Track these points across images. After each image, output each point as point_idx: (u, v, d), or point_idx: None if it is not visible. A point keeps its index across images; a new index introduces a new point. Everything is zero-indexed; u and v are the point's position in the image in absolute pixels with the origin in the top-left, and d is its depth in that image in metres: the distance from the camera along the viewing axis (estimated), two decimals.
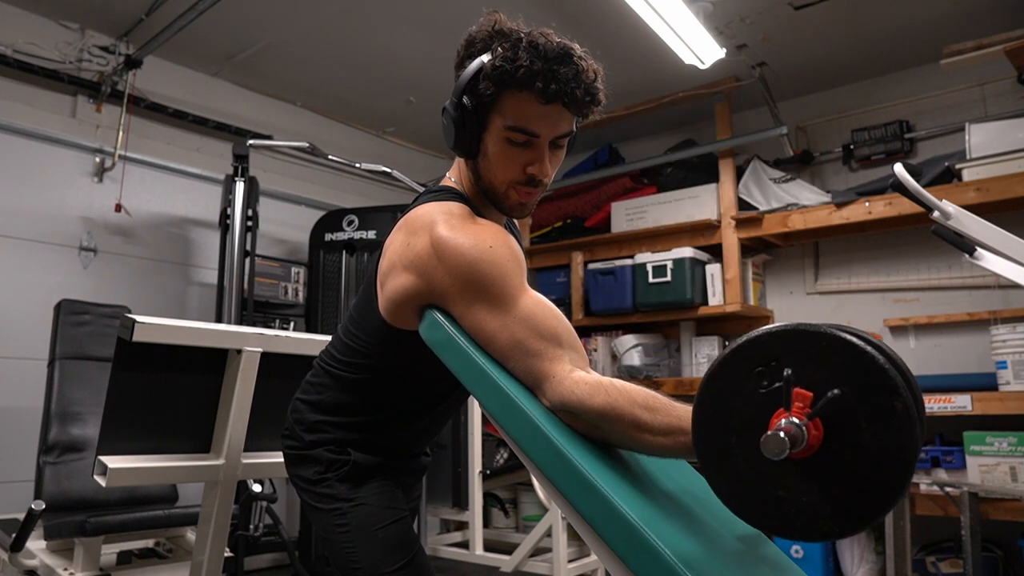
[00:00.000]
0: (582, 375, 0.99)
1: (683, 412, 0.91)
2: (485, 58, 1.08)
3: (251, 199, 3.45)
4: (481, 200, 1.20)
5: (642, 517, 0.83)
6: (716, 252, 3.85)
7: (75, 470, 2.57)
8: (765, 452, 0.75)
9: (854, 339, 0.76)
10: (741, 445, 0.79)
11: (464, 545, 3.46)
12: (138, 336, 1.47)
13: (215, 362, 1.64)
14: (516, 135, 1.09)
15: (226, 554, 1.78)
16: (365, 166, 3.85)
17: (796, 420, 0.75)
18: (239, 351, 1.63)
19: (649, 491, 0.96)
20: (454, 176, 1.24)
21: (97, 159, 3.47)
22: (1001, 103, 3.42)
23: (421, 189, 1.30)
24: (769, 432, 0.75)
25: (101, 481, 1.51)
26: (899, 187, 1.50)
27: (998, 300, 3.31)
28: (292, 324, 3.86)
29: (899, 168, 1.49)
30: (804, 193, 3.65)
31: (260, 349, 1.65)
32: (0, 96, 3.19)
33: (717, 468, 0.82)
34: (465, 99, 1.10)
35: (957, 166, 3.18)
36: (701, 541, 0.90)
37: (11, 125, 3.20)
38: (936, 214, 1.55)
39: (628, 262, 3.97)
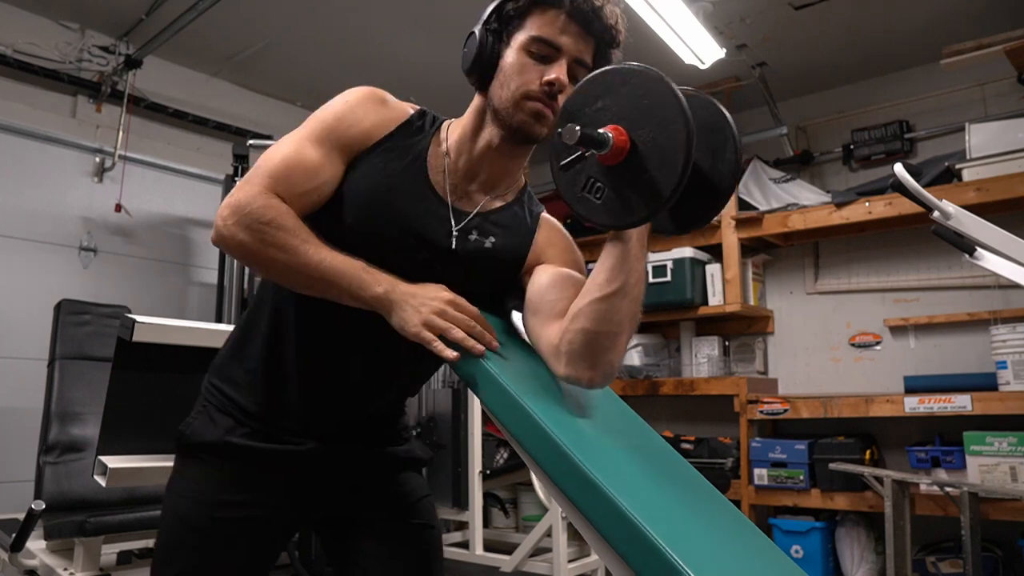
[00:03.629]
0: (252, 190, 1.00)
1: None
2: None
3: None
4: (473, 131, 1.11)
5: (644, 515, 0.83)
6: (716, 252, 3.85)
7: (75, 470, 2.57)
8: (564, 138, 0.89)
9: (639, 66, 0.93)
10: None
11: (464, 545, 3.46)
12: (138, 336, 1.47)
13: None
14: (539, 46, 1.05)
15: None
16: None
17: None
18: None
19: (650, 488, 0.96)
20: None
21: (97, 159, 3.47)
22: (1001, 103, 3.42)
23: None
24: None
25: (101, 481, 1.51)
26: (899, 187, 1.50)
27: (998, 300, 3.31)
28: None
29: (899, 168, 1.49)
30: (804, 193, 3.65)
31: None
32: (0, 96, 3.19)
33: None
34: (494, 22, 1.08)
35: (957, 166, 3.17)
36: (702, 538, 0.90)
37: (11, 125, 3.20)
38: (936, 214, 1.54)
39: None
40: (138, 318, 1.49)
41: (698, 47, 3.15)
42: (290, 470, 1.12)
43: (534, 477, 2.89)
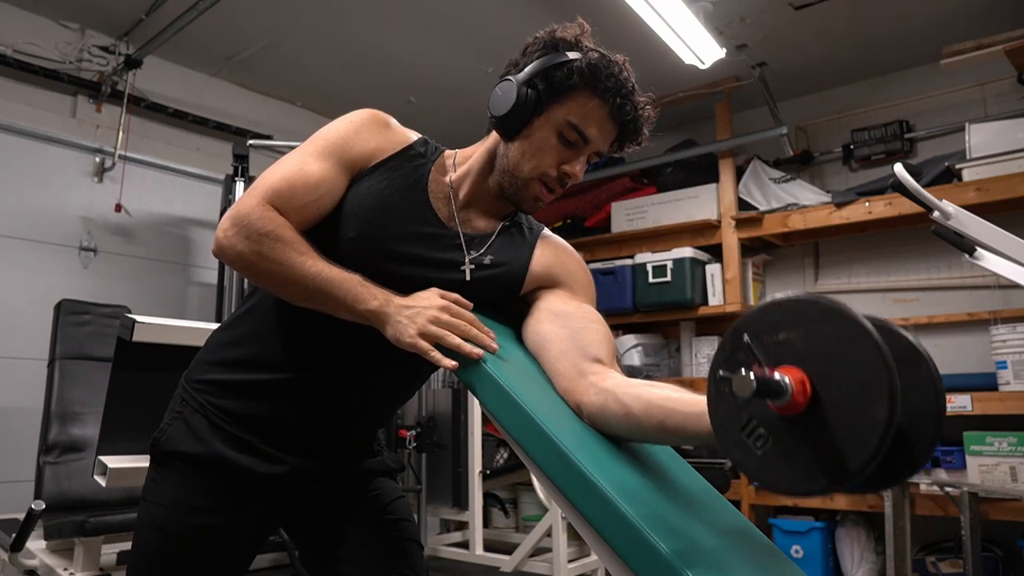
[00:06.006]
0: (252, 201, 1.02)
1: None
2: (572, 55, 1.08)
3: None
4: (482, 172, 1.14)
5: (642, 515, 0.83)
6: (716, 252, 3.85)
7: (75, 470, 2.57)
8: (735, 390, 0.72)
9: (830, 302, 0.73)
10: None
11: (464, 545, 3.46)
12: (138, 336, 1.47)
13: None
14: (572, 133, 1.08)
15: None
16: None
17: (764, 370, 0.72)
18: None
19: (649, 488, 0.96)
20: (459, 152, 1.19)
21: (97, 159, 3.47)
22: (1001, 103, 3.42)
23: None
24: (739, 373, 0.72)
25: (101, 481, 1.51)
26: (899, 187, 1.50)
27: (998, 300, 3.31)
28: None
29: (899, 168, 1.49)
30: (804, 193, 3.65)
31: None
32: (0, 96, 3.19)
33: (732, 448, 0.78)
34: (538, 81, 1.07)
35: (957, 166, 3.17)
36: (701, 538, 0.90)
37: (11, 125, 3.20)
38: (936, 214, 1.54)
39: (628, 262, 3.96)
40: (138, 318, 1.49)
41: (698, 47, 3.15)
42: (268, 485, 1.11)
43: (534, 477, 2.89)
